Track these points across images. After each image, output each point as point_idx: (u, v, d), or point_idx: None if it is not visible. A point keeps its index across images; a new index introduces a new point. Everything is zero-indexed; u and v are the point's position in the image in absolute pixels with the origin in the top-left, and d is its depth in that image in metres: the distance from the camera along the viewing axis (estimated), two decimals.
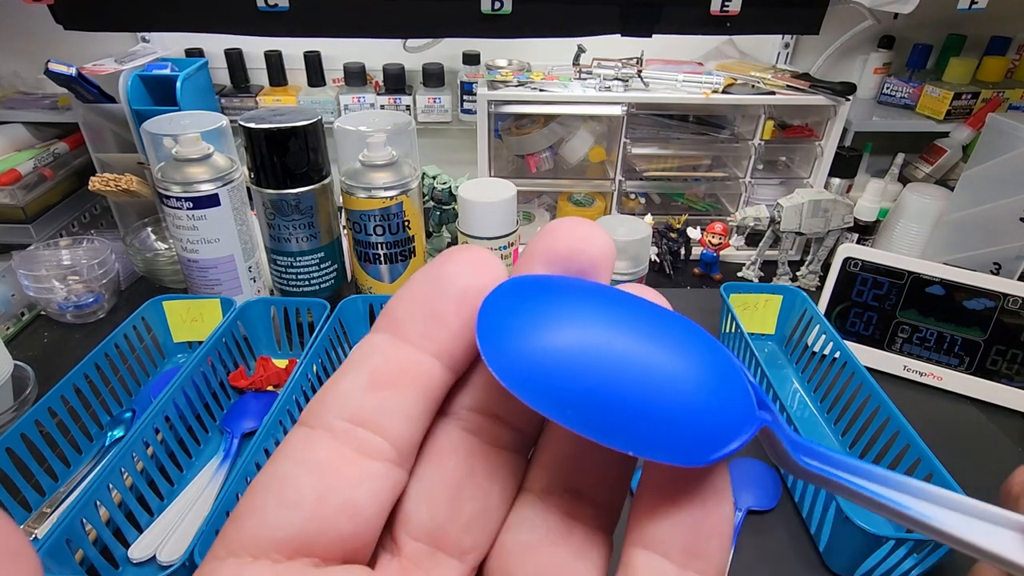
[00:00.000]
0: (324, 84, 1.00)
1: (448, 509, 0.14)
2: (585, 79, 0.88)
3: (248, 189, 0.69)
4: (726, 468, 0.14)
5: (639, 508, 0.14)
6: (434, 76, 0.98)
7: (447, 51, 0.98)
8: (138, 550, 0.47)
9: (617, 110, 0.84)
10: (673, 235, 0.92)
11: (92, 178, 0.79)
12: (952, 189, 0.84)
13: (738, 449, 0.13)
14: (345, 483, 0.13)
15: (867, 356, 0.72)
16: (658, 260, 0.92)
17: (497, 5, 0.80)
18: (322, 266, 0.71)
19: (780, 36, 1.01)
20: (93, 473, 0.50)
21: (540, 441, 0.15)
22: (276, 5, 0.79)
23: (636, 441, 0.13)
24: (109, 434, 0.58)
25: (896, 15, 0.93)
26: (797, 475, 0.14)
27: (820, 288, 0.81)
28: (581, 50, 0.89)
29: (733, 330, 0.70)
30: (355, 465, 0.13)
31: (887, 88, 0.99)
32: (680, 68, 0.89)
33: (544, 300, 0.14)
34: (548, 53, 0.95)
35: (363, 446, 0.13)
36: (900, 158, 0.94)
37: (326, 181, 0.69)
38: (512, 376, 0.13)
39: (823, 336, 0.66)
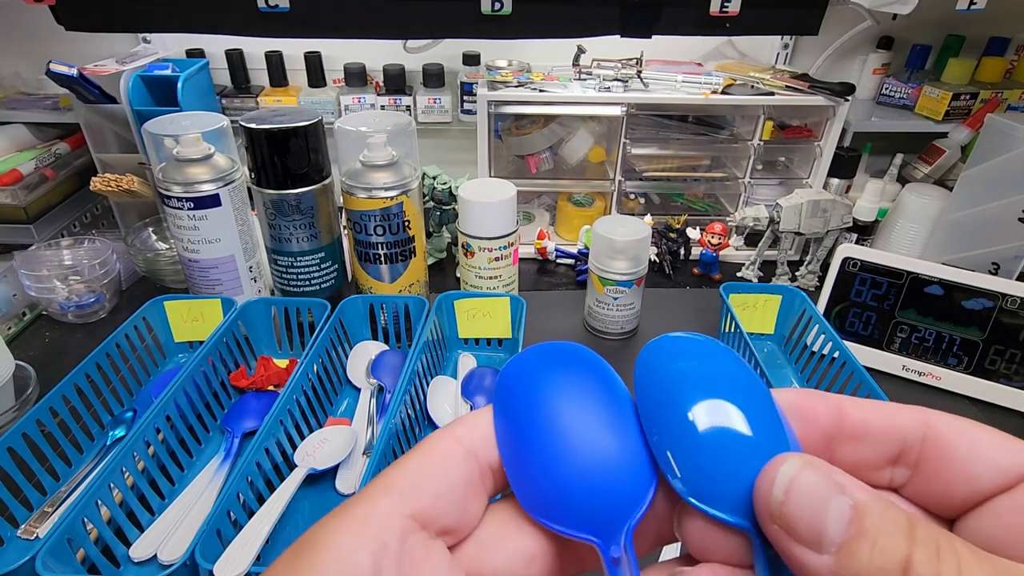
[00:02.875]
0: (325, 84, 1.00)
1: None
2: (585, 80, 0.88)
3: (249, 189, 0.69)
4: None
5: None
6: (434, 76, 0.98)
7: (447, 51, 0.98)
8: (139, 549, 0.47)
9: (617, 110, 0.85)
10: (673, 235, 0.92)
11: (93, 178, 0.80)
12: (951, 189, 0.84)
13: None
14: None
15: (866, 356, 0.72)
16: (658, 260, 0.93)
17: (497, 6, 0.80)
18: (322, 266, 0.71)
19: (779, 37, 1.02)
20: (94, 472, 0.50)
21: None
22: (277, 6, 0.79)
23: None
24: (110, 433, 0.59)
25: (895, 16, 0.93)
26: None
27: (819, 288, 0.81)
28: (581, 51, 0.89)
29: (732, 330, 0.70)
30: None
31: (886, 89, 0.99)
32: (680, 69, 0.90)
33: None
34: (548, 54, 0.95)
35: None
36: (899, 158, 0.94)
37: (327, 181, 0.69)
38: None
39: (822, 336, 0.66)
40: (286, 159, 0.64)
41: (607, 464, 0.17)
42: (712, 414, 0.16)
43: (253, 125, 0.63)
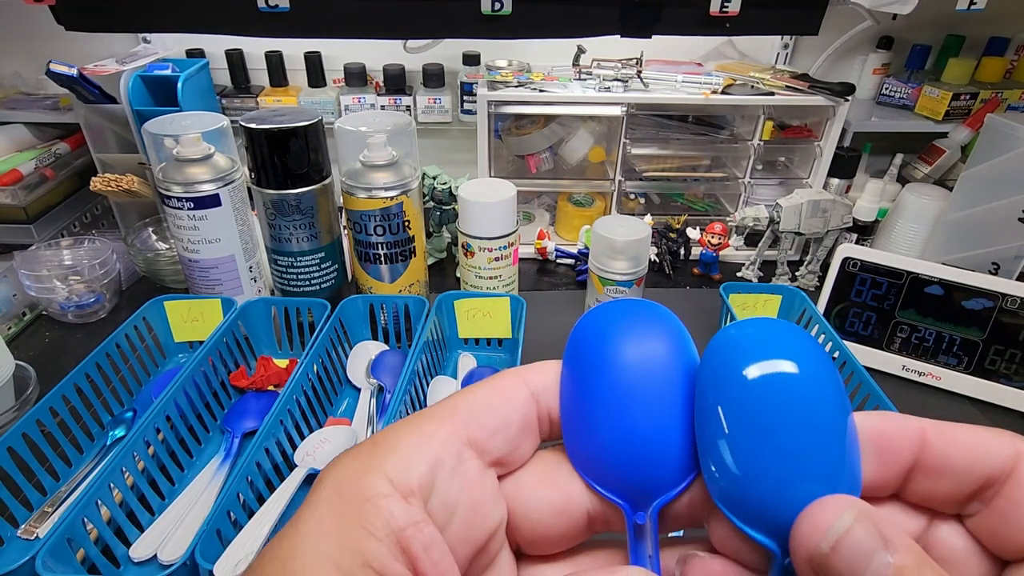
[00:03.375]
0: (325, 84, 1.00)
1: None
2: (585, 80, 0.88)
3: (249, 189, 0.69)
4: None
5: None
6: (434, 76, 0.98)
7: (447, 51, 0.98)
8: (139, 549, 0.47)
9: (617, 110, 0.85)
10: (673, 235, 0.92)
11: (93, 178, 0.80)
12: (951, 189, 0.84)
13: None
14: None
15: (866, 356, 0.72)
16: (658, 260, 0.93)
17: (497, 6, 0.80)
18: (322, 266, 0.71)
19: (779, 37, 1.02)
20: (94, 472, 0.50)
21: None
22: (277, 6, 0.79)
23: None
24: (110, 433, 0.59)
25: (895, 16, 0.93)
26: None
27: (819, 288, 0.81)
28: (581, 51, 0.89)
29: None
30: None
31: (886, 89, 0.99)
32: (679, 69, 0.90)
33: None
34: (548, 54, 0.95)
35: None
36: (899, 158, 0.94)
37: (327, 181, 0.69)
38: None
39: (822, 336, 0.66)
40: (286, 159, 0.64)
41: (655, 438, 0.17)
42: (763, 438, 0.15)
43: (253, 125, 0.63)
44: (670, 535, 0.18)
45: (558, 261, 0.95)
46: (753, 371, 0.16)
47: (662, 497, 0.17)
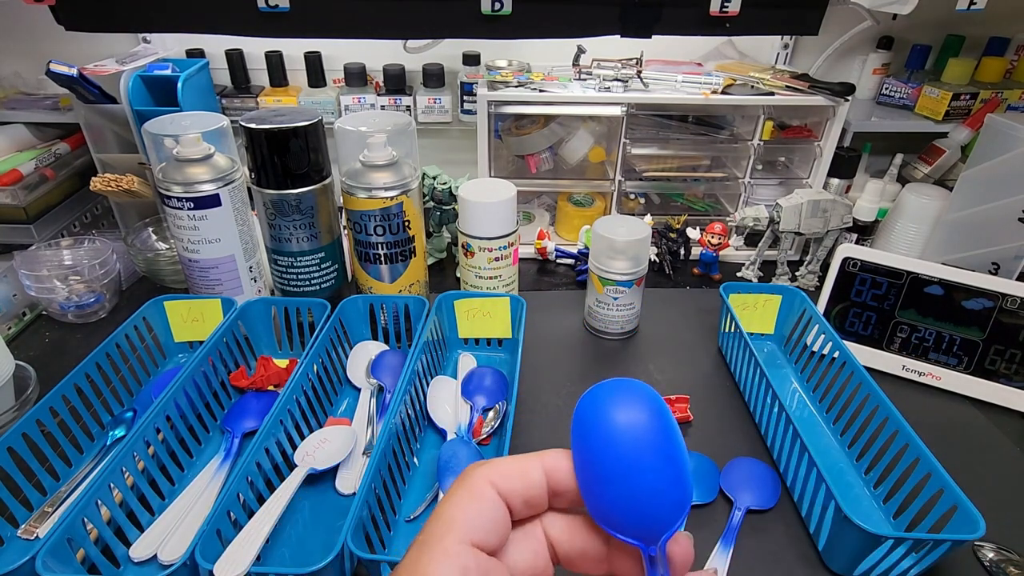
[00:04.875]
0: (325, 84, 1.00)
1: None
2: (585, 80, 0.88)
3: (249, 189, 0.69)
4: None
5: None
6: (434, 76, 0.98)
7: (447, 51, 0.98)
8: (139, 549, 0.47)
9: (617, 110, 0.85)
10: (673, 235, 0.92)
11: (93, 178, 0.80)
12: (951, 189, 0.84)
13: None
14: None
15: (866, 356, 0.72)
16: (658, 260, 0.93)
17: (497, 6, 0.80)
18: (322, 266, 0.71)
19: (779, 37, 1.02)
20: (95, 472, 0.50)
21: None
22: (277, 6, 0.79)
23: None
24: (110, 433, 0.59)
25: (895, 16, 0.93)
26: None
27: (819, 288, 0.81)
28: (581, 51, 0.89)
29: (732, 330, 0.70)
30: None
31: (886, 88, 0.99)
32: (679, 69, 0.90)
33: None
34: (548, 54, 0.95)
35: None
36: (899, 158, 0.94)
37: (327, 181, 0.69)
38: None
39: (822, 336, 0.66)
40: (286, 159, 0.64)
41: (653, 489, 0.22)
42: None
43: (253, 125, 0.63)
44: None
45: (558, 261, 0.95)
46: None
47: (669, 531, 0.22)
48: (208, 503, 0.51)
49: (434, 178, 0.86)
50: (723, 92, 0.85)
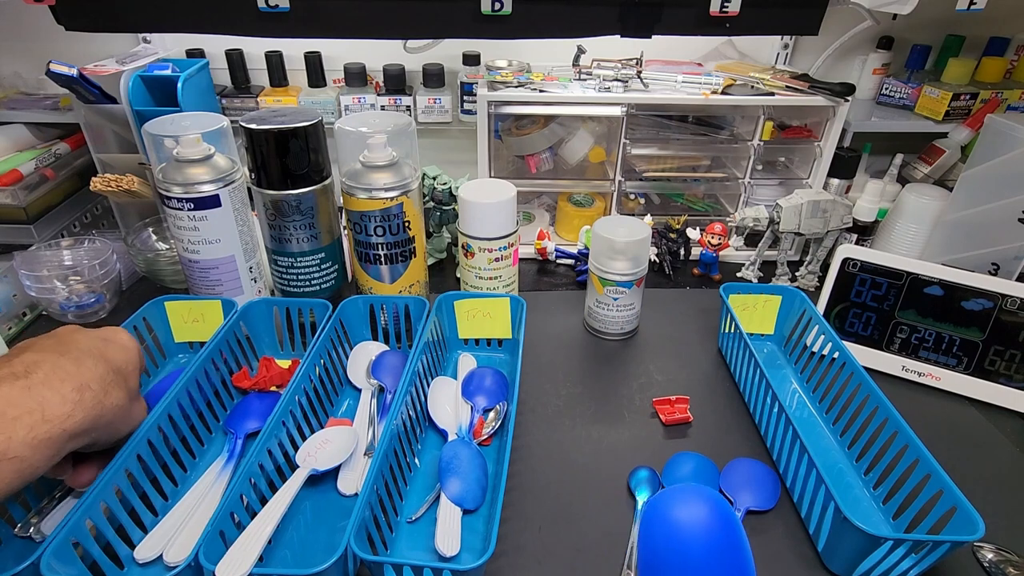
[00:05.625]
0: (325, 85, 1.00)
1: None
2: (585, 80, 0.88)
3: (249, 190, 0.69)
4: None
5: None
6: (434, 77, 0.98)
7: (447, 51, 0.98)
8: (143, 551, 0.47)
9: (617, 111, 0.85)
10: (673, 235, 0.92)
11: (93, 178, 0.80)
12: (951, 190, 0.84)
13: None
14: None
15: (866, 356, 0.72)
16: (658, 260, 0.93)
17: (497, 6, 0.80)
18: (323, 266, 0.71)
19: (779, 37, 1.02)
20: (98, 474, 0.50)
21: None
22: (277, 6, 0.79)
23: None
24: None
25: (895, 16, 0.93)
26: None
27: (819, 288, 0.81)
28: (581, 51, 0.89)
29: (732, 330, 0.70)
30: None
31: (886, 89, 0.99)
32: (679, 69, 0.90)
33: None
34: (548, 54, 0.95)
35: None
36: (899, 159, 0.94)
37: (327, 182, 0.69)
38: None
39: (822, 336, 0.66)
40: (286, 159, 0.64)
41: None
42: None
43: (253, 125, 0.63)
44: None
45: (558, 261, 0.95)
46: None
47: None
48: (212, 504, 0.51)
49: (434, 178, 0.86)
50: (723, 92, 0.85)
